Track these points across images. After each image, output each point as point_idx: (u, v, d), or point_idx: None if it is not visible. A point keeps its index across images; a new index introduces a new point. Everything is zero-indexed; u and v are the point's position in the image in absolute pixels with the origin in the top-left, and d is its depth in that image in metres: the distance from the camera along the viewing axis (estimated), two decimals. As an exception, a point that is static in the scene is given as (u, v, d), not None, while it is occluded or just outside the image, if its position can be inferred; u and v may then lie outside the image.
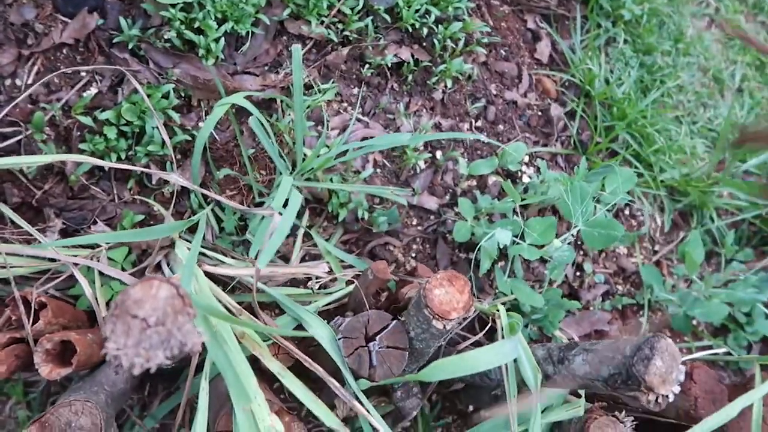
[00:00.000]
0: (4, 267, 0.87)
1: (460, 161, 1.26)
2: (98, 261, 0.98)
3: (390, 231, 1.23)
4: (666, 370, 0.77)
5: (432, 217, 1.27)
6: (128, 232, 0.92)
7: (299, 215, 1.16)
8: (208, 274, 0.97)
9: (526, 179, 1.37)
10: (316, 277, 1.05)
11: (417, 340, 0.90)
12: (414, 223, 1.26)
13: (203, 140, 0.96)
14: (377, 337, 0.89)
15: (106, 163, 0.92)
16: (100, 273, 0.97)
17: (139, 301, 0.55)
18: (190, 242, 1.05)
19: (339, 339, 0.89)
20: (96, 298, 0.90)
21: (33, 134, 1.04)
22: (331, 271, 1.05)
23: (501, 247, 1.12)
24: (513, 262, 1.22)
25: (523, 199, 1.18)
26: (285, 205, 0.86)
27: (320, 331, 0.89)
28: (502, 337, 0.99)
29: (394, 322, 0.91)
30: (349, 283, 1.05)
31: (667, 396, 0.77)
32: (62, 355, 0.87)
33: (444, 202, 1.28)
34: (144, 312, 0.55)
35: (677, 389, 0.78)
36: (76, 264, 0.88)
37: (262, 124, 1.00)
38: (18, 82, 1.07)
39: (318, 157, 1.10)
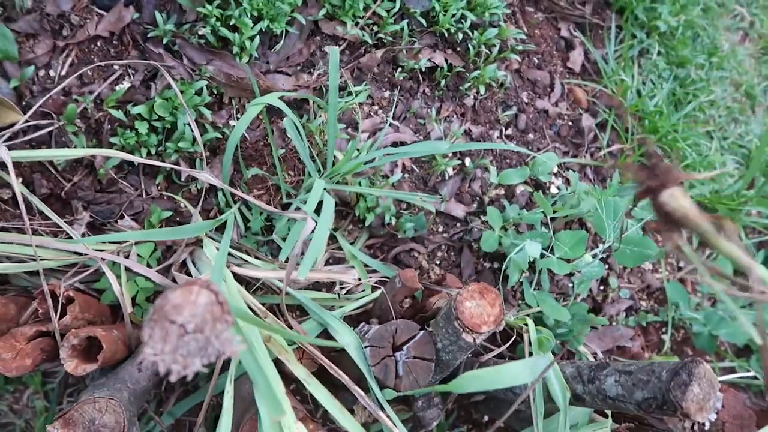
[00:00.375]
0: (34, 259, 0.86)
1: (491, 170, 1.24)
2: (126, 257, 0.97)
3: (415, 237, 1.21)
4: (703, 397, 0.74)
5: (458, 224, 1.26)
6: (157, 231, 0.91)
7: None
8: (234, 275, 0.96)
9: (554, 190, 1.35)
10: (341, 282, 1.04)
11: (444, 352, 0.89)
12: (440, 230, 1.24)
13: (236, 140, 0.95)
14: (404, 347, 0.88)
15: (136, 159, 0.91)
16: (126, 268, 0.96)
17: (178, 307, 0.54)
18: (216, 240, 1.04)
19: (365, 347, 0.87)
20: (122, 294, 0.89)
21: (65, 126, 1.04)
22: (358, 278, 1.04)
23: (531, 260, 1.10)
24: (540, 274, 1.20)
25: (554, 212, 1.16)
26: (317, 210, 0.84)
27: (347, 339, 0.88)
28: (530, 353, 0.98)
29: (422, 332, 0.89)
30: (374, 288, 1.03)
31: (703, 423, 0.75)
32: (87, 351, 0.86)
33: (471, 210, 1.26)
34: (183, 318, 0.54)
35: (714, 417, 0.76)
36: (103, 259, 0.88)
37: (296, 126, 0.98)
38: (52, 73, 1.07)
39: (349, 161, 1.09)
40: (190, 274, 0.98)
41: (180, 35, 1.09)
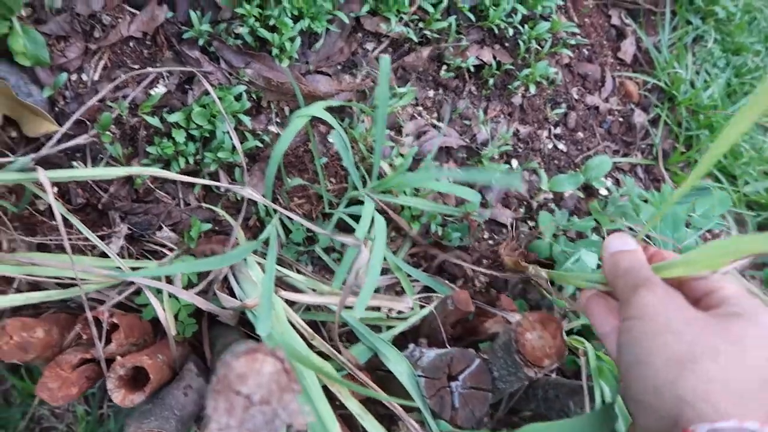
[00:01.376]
0: (76, 283, 0.83)
1: (540, 174, 1.18)
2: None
3: (461, 246, 1.16)
4: None
5: (505, 231, 1.20)
6: (204, 261, 0.87)
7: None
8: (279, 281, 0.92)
9: (604, 192, 1.29)
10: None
11: (501, 381, 0.85)
12: (486, 236, 1.19)
13: (280, 154, 0.90)
14: (460, 377, 0.84)
15: (180, 177, 0.87)
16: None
17: (242, 376, 0.51)
18: (257, 253, 1.00)
19: (419, 376, 0.84)
20: (166, 320, 0.86)
21: (100, 135, 0.99)
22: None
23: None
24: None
25: (612, 221, 1.10)
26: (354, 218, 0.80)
27: (399, 367, 0.85)
28: (588, 376, 0.94)
29: (478, 361, 0.85)
30: (422, 304, 0.99)
31: None
32: (134, 378, 0.84)
33: (518, 215, 1.21)
34: (248, 388, 0.50)
35: None
36: (149, 287, 0.84)
37: (342, 138, 0.93)
38: (84, 77, 1.02)
39: (394, 169, 1.03)
40: (233, 293, 0.95)
41: (216, 36, 1.03)
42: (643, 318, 0.53)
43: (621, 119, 1.35)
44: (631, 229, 1.23)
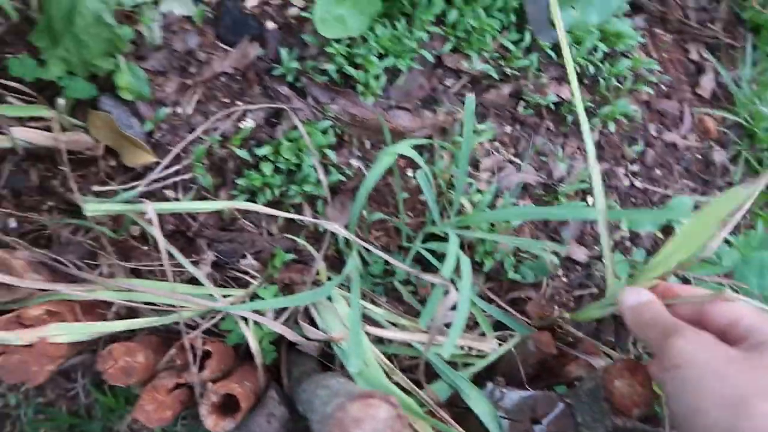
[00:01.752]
0: (174, 310, 0.87)
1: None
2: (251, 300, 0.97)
3: (534, 283, 1.16)
4: None
5: (579, 268, 1.19)
6: (294, 298, 0.90)
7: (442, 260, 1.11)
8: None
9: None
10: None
11: (585, 427, 0.84)
12: (560, 273, 1.18)
13: (368, 189, 0.93)
14: (543, 421, 0.83)
15: (273, 212, 0.90)
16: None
17: (358, 420, 0.52)
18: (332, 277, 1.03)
19: (502, 417, 0.84)
20: (258, 351, 0.89)
21: (193, 166, 1.04)
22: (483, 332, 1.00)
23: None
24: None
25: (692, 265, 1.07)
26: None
27: (481, 407, 0.85)
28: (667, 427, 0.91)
29: (561, 405, 0.85)
30: (499, 342, 0.99)
31: None
32: (223, 404, 0.87)
33: (593, 254, 1.20)
34: (364, 434, 0.52)
35: None
36: (243, 318, 0.87)
37: (426, 175, 0.95)
38: (179, 110, 1.07)
39: (473, 205, 1.04)
40: (315, 324, 0.97)
41: (304, 72, 1.07)
42: (682, 366, 0.56)
43: (699, 157, 1.33)
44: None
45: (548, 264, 1.13)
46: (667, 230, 1.24)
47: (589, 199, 1.20)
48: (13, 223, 1.04)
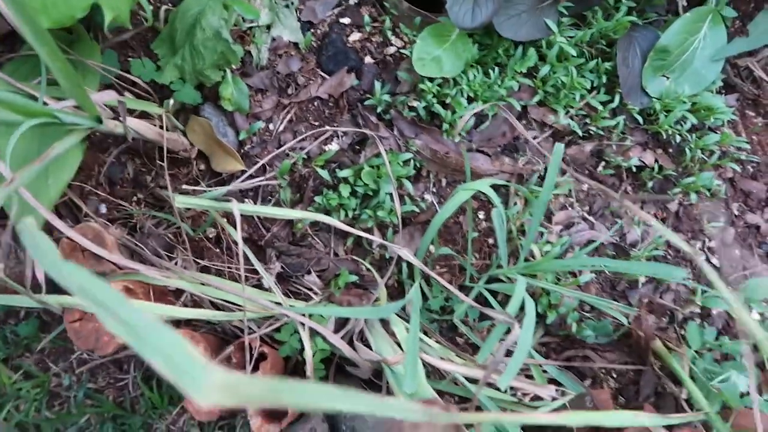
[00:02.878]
0: (241, 309, 0.89)
1: (695, 287, 1.13)
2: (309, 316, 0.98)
3: (594, 344, 1.12)
4: None
5: (644, 338, 1.15)
6: (356, 310, 0.91)
7: (503, 305, 1.10)
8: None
9: (755, 315, 1.20)
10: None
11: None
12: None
13: (441, 221, 0.94)
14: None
15: (349, 228, 0.93)
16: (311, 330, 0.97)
17: (417, 426, 0.52)
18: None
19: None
20: (311, 364, 0.89)
21: (277, 178, 1.09)
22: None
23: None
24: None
25: (770, 351, 1.01)
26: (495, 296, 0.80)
27: (531, 458, 0.81)
28: None
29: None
30: (554, 396, 0.96)
31: None
32: (271, 410, 0.87)
33: (660, 323, 1.15)
34: (423, 441, 0.51)
35: None
36: (302, 324, 0.89)
37: (501, 217, 0.95)
38: (271, 126, 1.13)
39: (542, 254, 1.04)
40: (369, 345, 0.97)
41: (394, 106, 1.12)
42: None
43: (783, 243, 1.27)
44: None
45: (612, 326, 1.09)
46: (743, 314, 1.18)
47: (661, 269, 1.17)
48: (103, 209, 1.11)
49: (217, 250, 1.11)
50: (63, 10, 0.66)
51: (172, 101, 1.03)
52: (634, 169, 1.15)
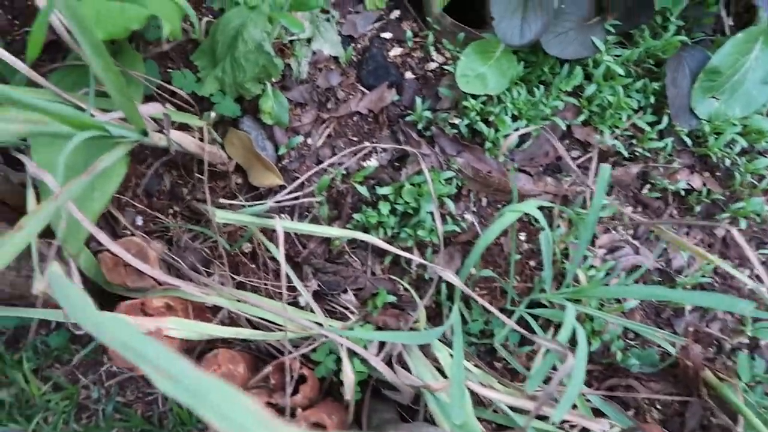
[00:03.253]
0: (281, 329, 0.87)
1: (745, 317, 1.09)
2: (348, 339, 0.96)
3: (639, 373, 1.08)
4: None
5: (689, 368, 1.10)
6: (402, 335, 0.88)
7: (544, 330, 1.07)
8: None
9: (805, 348, 1.15)
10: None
11: None
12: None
13: (486, 244, 0.91)
14: None
15: (390, 248, 0.90)
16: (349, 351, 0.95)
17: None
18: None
19: None
20: (352, 388, 0.87)
21: (314, 194, 1.07)
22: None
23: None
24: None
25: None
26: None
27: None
28: None
29: None
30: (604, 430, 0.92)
31: None
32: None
33: (707, 353, 1.11)
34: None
35: None
36: (350, 350, 0.86)
37: (548, 239, 0.92)
38: (309, 141, 1.12)
39: (595, 287, 1.00)
40: (407, 368, 0.94)
41: (435, 123, 1.10)
42: None
43: (833, 272, 1.22)
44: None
45: (657, 355, 1.06)
46: (793, 345, 1.14)
47: (708, 297, 1.13)
48: (139, 221, 1.10)
49: (253, 266, 1.09)
50: (118, 22, 0.65)
51: (213, 114, 1.02)
52: (681, 193, 1.12)
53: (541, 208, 1.08)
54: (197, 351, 1.00)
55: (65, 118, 0.64)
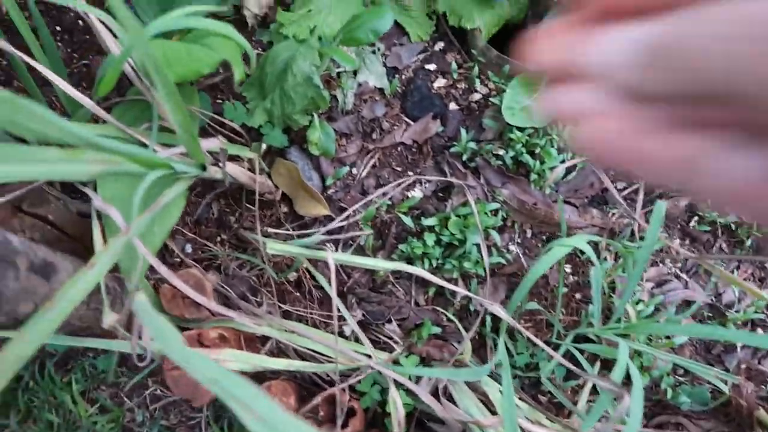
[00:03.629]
0: (331, 361, 0.88)
1: (799, 355, 1.06)
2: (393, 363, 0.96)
3: (689, 411, 1.06)
4: None
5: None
6: (449, 371, 0.88)
7: (590, 363, 1.05)
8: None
9: None
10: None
11: None
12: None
13: (535, 277, 0.91)
14: None
15: (440, 281, 0.91)
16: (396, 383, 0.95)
17: None
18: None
19: None
20: (399, 424, 0.87)
21: (360, 224, 1.08)
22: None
23: None
24: None
25: None
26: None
27: None
28: None
29: None
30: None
31: None
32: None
33: (760, 392, 1.08)
34: None
35: None
36: (396, 381, 0.86)
37: (599, 274, 0.92)
38: (354, 171, 1.13)
39: (646, 325, 0.99)
40: (452, 400, 0.94)
41: (479, 154, 1.10)
42: None
43: None
44: None
45: (708, 393, 1.03)
46: None
47: (759, 332, 1.10)
48: (189, 248, 1.12)
49: (298, 294, 1.11)
50: (189, 66, 0.68)
51: (264, 145, 1.04)
52: (731, 226, 1.10)
53: (588, 242, 1.07)
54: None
55: (137, 158, 0.66)
